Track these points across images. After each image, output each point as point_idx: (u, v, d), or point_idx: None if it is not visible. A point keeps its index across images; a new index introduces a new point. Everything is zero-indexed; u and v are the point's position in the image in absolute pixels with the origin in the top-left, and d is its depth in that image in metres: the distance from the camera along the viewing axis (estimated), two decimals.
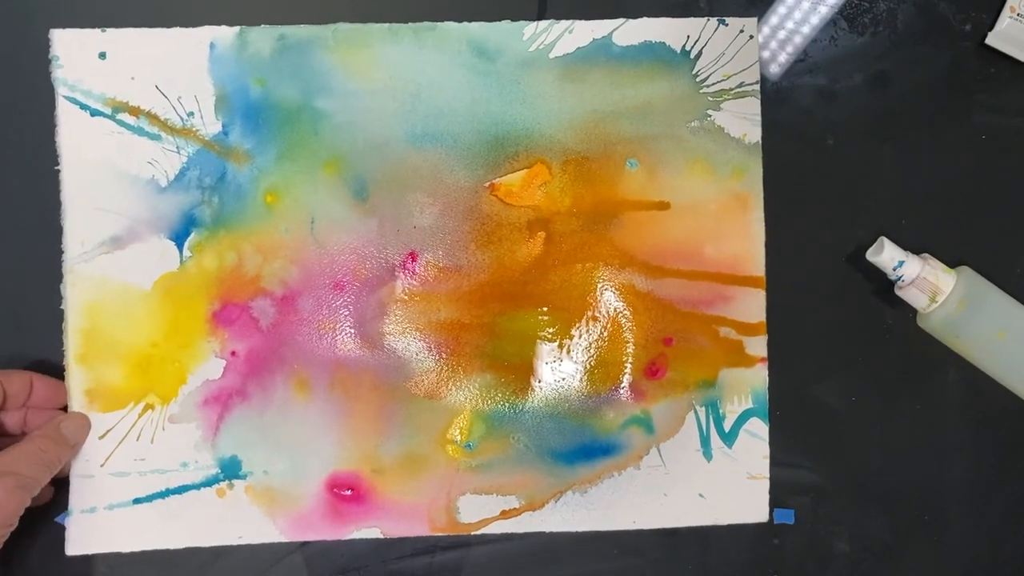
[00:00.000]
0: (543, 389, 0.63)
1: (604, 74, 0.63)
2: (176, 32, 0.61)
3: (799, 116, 0.64)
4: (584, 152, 0.63)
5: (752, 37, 0.63)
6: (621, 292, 0.63)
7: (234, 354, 0.61)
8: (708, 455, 0.64)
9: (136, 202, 0.61)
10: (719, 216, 0.63)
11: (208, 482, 0.62)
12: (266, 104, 0.61)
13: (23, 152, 0.61)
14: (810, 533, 0.65)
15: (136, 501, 0.61)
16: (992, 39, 0.64)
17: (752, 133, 0.63)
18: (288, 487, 0.62)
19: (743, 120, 0.63)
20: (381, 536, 0.62)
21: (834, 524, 0.65)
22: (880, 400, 0.65)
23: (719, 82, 0.63)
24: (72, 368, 0.60)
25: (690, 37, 0.63)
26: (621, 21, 0.63)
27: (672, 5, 0.63)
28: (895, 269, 0.60)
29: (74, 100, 0.60)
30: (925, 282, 0.60)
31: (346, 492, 0.62)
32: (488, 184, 0.62)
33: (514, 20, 0.62)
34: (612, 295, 0.63)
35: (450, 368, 0.63)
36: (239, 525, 0.62)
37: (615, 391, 0.63)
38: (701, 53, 0.63)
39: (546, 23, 0.62)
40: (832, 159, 0.64)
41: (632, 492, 0.64)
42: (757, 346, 0.64)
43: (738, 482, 0.64)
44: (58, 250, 0.60)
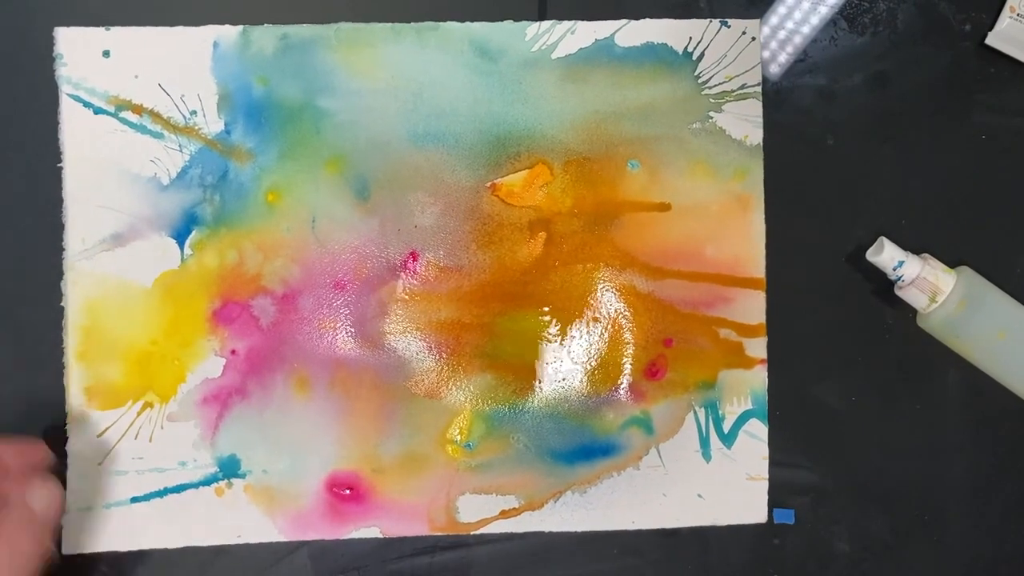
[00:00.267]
0: (543, 389, 0.63)
1: (606, 75, 0.63)
2: (179, 31, 0.61)
3: (799, 116, 0.64)
4: (586, 153, 0.63)
5: (754, 39, 0.63)
6: (622, 293, 0.63)
7: (234, 352, 0.61)
8: (707, 456, 0.64)
9: (138, 200, 0.61)
10: (720, 218, 0.64)
11: (207, 481, 0.61)
12: (268, 103, 0.61)
13: (25, 149, 0.61)
14: (810, 533, 0.65)
15: (134, 500, 0.61)
16: (992, 39, 0.64)
17: (753, 135, 0.64)
18: (287, 486, 0.62)
19: (744, 122, 0.64)
20: (381, 536, 0.62)
21: (834, 524, 0.65)
22: (880, 400, 0.65)
23: (721, 84, 0.63)
24: (72, 365, 0.60)
25: (692, 38, 0.63)
26: (624, 22, 0.63)
27: (672, 5, 0.64)
28: (895, 269, 0.61)
29: (77, 98, 0.60)
30: (925, 282, 0.60)
31: (346, 491, 0.62)
32: (489, 184, 0.63)
33: (516, 20, 0.63)
34: (613, 296, 0.63)
35: (450, 368, 0.63)
36: (238, 524, 0.61)
37: (615, 391, 0.63)
38: (703, 55, 0.63)
39: (548, 23, 0.62)
40: (832, 159, 0.65)
41: (631, 492, 0.63)
42: (757, 348, 0.64)
43: (737, 483, 0.64)
44: (59, 247, 0.60)
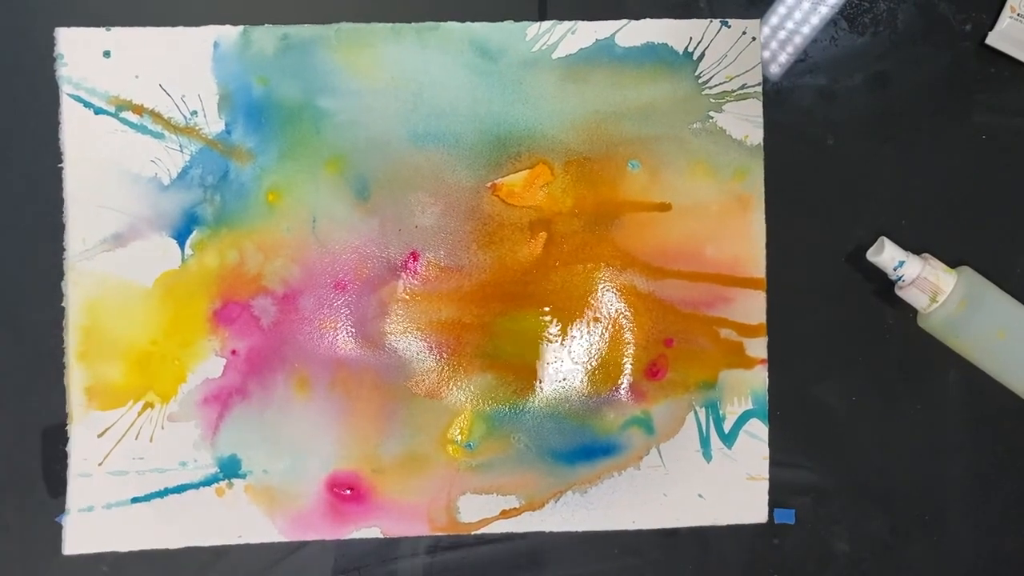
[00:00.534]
0: (544, 389, 0.63)
1: (606, 75, 0.63)
2: (180, 31, 0.61)
3: (799, 116, 0.64)
4: (586, 153, 0.63)
5: (755, 39, 0.63)
6: (622, 293, 0.63)
7: (234, 353, 0.61)
8: (708, 456, 0.64)
9: (138, 200, 0.61)
10: (720, 217, 0.64)
11: (207, 481, 0.61)
12: (269, 103, 0.61)
13: (26, 149, 0.61)
14: (810, 533, 0.65)
15: (135, 500, 0.61)
16: (992, 39, 0.64)
17: (754, 135, 0.64)
18: (288, 486, 0.62)
19: (745, 122, 0.64)
20: (381, 536, 0.62)
21: (834, 524, 0.65)
22: (880, 400, 0.65)
23: (721, 84, 0.63)
24: (72, 365, 0.60)
25: (692, 39, 0.63)
26: (624, 22, 0.63)
27: (672, 5, 0.64)
28: (895, 269, 0.61)
29: (78, 98, 0.60)
30: (925, 282, 0.60)
31: (346, 492, 0.62)
32: (490, 184, 0.63)
33: (516, 20, 0.63)
34: (613, 296, 0.63)
35: (451, 368, 0.63)
36: (238, 525, 0.62)
37: (615, 391, 0.63)
38: (704, 55, 0.63)
39: (549, 24, 0.62)
40: (832, 159, 0.65)
41: (632, 492, 0.64)
42: (757, 348, 0.64)
43: (737, 483, 0.64)
44: (60, 247, 0.60)
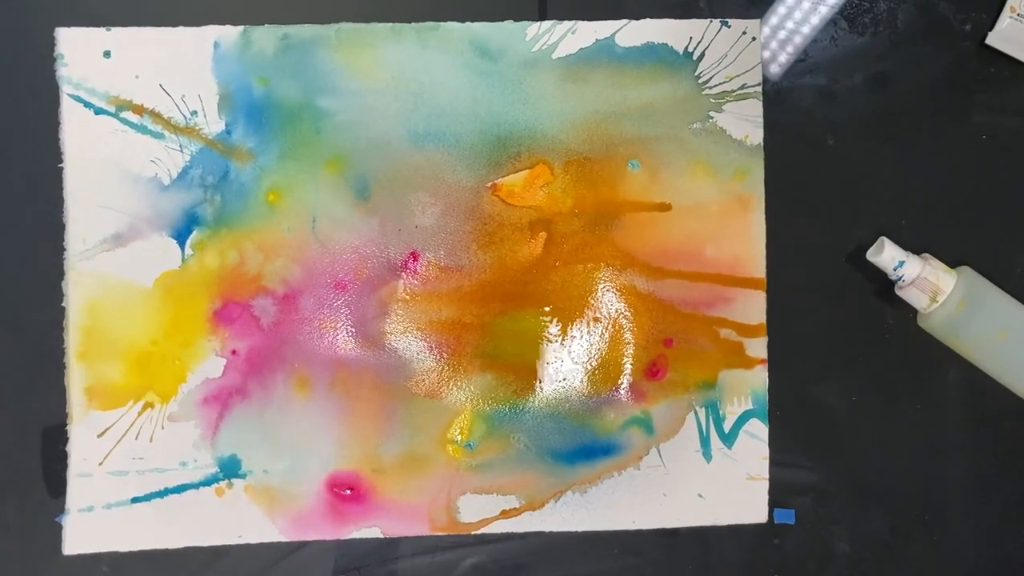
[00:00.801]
0: (544, 389, 0.63)
1: (606, 75, 0.63)
2: (180, 31, 0.61)
3: (799, 116, 0.64)
4: (586, 153, 0.63)
5: (755, 39, 0.63)
6: (622, 293, 0.63)
7: (235, 353, 0.61)
8: (708, 456, 0.64)
9: (138, 200, 0.61)
10: (720, 217, 0.64)
11: (207, 481, 0.61)
12: (269, 103, 0.61)
13: (26, 149, 0.61)
14: (810, 533, 0.65)
15: (134, 500, 0.61)
16: (992, 39, 0.64)
17: (754, 135, 0.64)
18: (288, 486, 0.62)
19: (745, 122, 0.64)
20: (381, 536, 0.62)
21: (834, 524, 0.65)
22: (880, 400, 0.65)
23: (721, 84, 0.63)
24: (72, 365, 0.60)
25: (692, 39, 0.63)
26: (624, 22, 0.63)
27: (672, 5, 0.64)
28: (895, 269, 0.61)
29: (78, 98, 0.61)
30: (925, 282, 0.60)
31: (346, 492, 0.62)
32: (490, 184, 0.63)
33: (516, 20, 0.63)
34: (613, 296, 0.63)
35: (451, 368, 0.63)
36: (238, 525, 0.62)
37: (615, 391, 0.63)
38: (703, 55, 0.63)
39: (549, 23, 0.62)
40: (832, 159, 0.65)
41: (632, 492, 0.64)
42: (757, 348, 0.64)
43: (737, 483, 0.64)
44: (60, 247, 0.60)
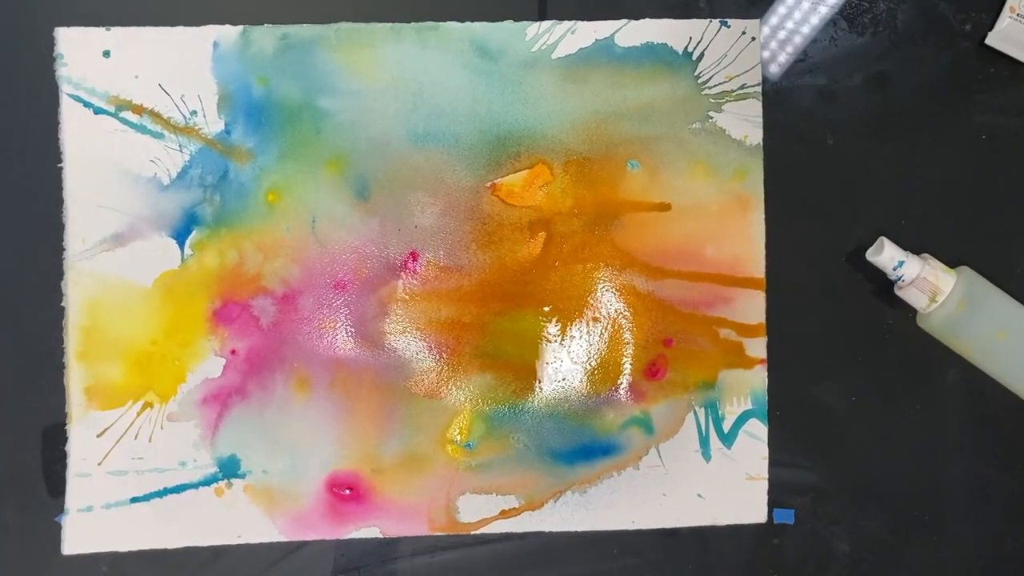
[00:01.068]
0: (543, 389, 0.63)
1: (606, 75, 0.63)
2: (180, 31, 0.61)
3: (799, 116, 0.64)
4: (586, 153, 0.63)
5: (754, 39, 0.63)
6: (622, 293, 0.63)
7: (234, 352, 0.61)
8: (707, 456, 0.64)
9: (138, 200, 0.61)
10: (720, 217, 0.64)
11: (207, 481, 0.61)
12: (268, 103, 0.61)
13: (26, 149, 0.61)
14: (810, 533, 0.65)
15: (134, 500, 0.61)
16: (992, 39, 0.64)
17: (753, 135, 0.64)
18: (287, 486, 0.62)
19: (744, 122, 0.64)
20: (381, 536, 0.62)
21: (834, 524, 0.65)
22: (880, 400, 0.65)
23: (721, 84, 0.63)
24: (72, 365, 0.60)
25: (692, 39, 0.63)
26: (624, 22, 0.63)
27: (672, 5, 0.64)
28: (895, 269, 0.61)
29: (77, 98, 0.60)
30: (925, 282, 0.60)
31: (346, 492, 0.62)
32: (489, 184, 0.63)
33: (516, 20, 0.62)
34: (613, 296, 0.63)
35: (450, 368, 0.63)
36: (238, 525, 0.62)
37: (615, 391, 0.63)
38: (703, 55, 0.63)
39: (548, 23, 0.62)
40: (832, 159, 0.65)
41: (631, 492, 0.63)
42: (757, 348, 0.64)
43: (737, 483, 0.64)
44: (59, 247, 0.60)
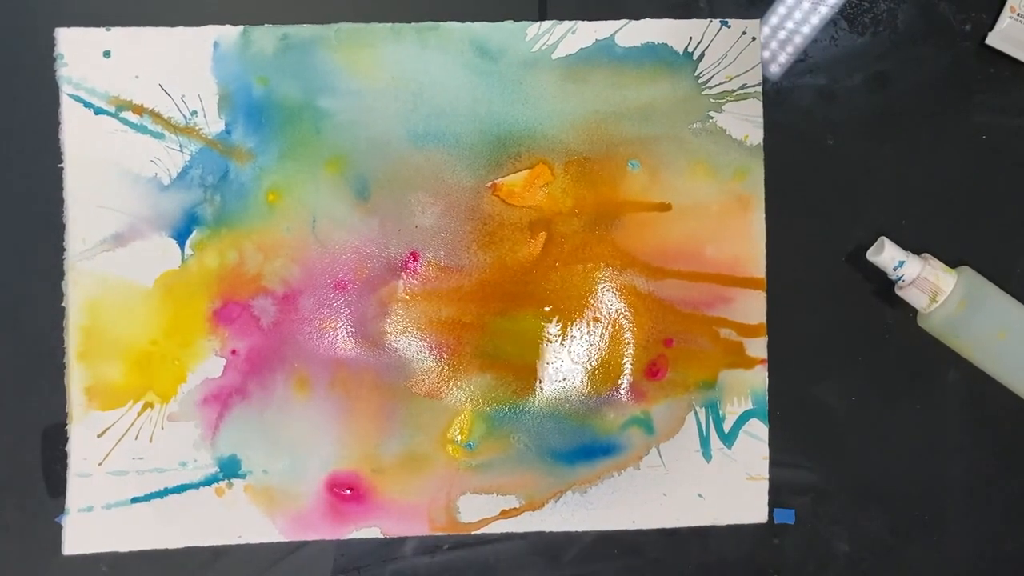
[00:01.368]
0: (544, 389, 0.63)
1: (606, 75, 0.63)
2: (180, 31, 0.61)
3: (799, 116, 0.64)
4: (586, 153, 0.63)
5: (755, 39, 0.63)
6: (622, 293, 0.63)
7: (234, 352, 0.61)
8: (708, 456, 0.64)
9: (138, 200, 0.61)
10: (720, 217, 0.64)
11: (207, 481, 0.61)
12: (269, 103, 0.61)
13: (26, 149, 0.61)
14: (810, 533, 0.65)
15: (134, 500, 0.61)
16: (992, 39, 0.64)
17: (754, 135, 0.64)
18: (288, 486, 0.62)
19: (745, 122, 0.64)
20: (381, 536, 0.62)
21: (834, 524, 0.65)
22: (880, 400, 0.65)
23: (721, 84, 0.63)
24: (72, 365, 0.60)
25: (692, 39, 0.63)
26: (624, 22, 0.63)
27: (672, 5, 0.64)
28: (895, 269, 0.61)
29: (78, 98, 0.60)
30: (925, 282, 0.60)
31: (346, 491, 0.62)
32: (490, 184, 0.63)
33: (516, 20, 0.62)
34: (613, 296, 0.63)
35: (451, 368, 0.63)
36: (238, 525, 0.62)
37: (615, 391, 0.63)
38: (703, 55, 0.63)
39: (549, 23, 0.62)
40: (832, 159, 0.65)
41: (632, 492, 0.63)
42: (757, 348, 0.64)
43: (737, 483, 0.64)
44: (60, 247, 0.60)
